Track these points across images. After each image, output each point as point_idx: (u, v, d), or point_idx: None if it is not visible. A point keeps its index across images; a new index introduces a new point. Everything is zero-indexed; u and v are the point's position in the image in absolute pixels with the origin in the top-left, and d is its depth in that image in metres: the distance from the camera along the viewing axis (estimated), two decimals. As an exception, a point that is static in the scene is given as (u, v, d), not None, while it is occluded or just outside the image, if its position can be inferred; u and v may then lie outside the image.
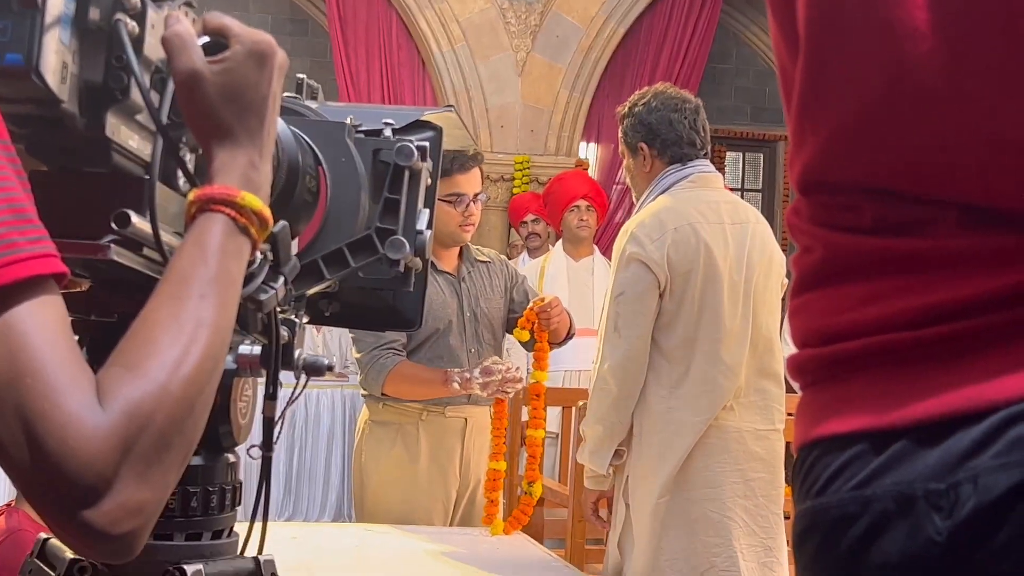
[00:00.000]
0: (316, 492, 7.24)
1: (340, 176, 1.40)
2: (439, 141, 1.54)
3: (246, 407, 1.32)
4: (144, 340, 0.92)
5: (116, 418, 0.87)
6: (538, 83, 8.28)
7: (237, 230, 1.02)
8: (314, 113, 1.46)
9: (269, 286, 1.15)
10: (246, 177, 1.05)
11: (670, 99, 3.30)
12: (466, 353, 3.52)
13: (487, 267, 3.67)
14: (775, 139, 10.75)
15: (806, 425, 0.93)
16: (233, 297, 1.01)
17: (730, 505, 3.11)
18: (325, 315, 1.51)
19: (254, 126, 1.06)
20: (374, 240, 1.38)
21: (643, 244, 3.13)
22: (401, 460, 3.52)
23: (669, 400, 3.13)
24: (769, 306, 3.24)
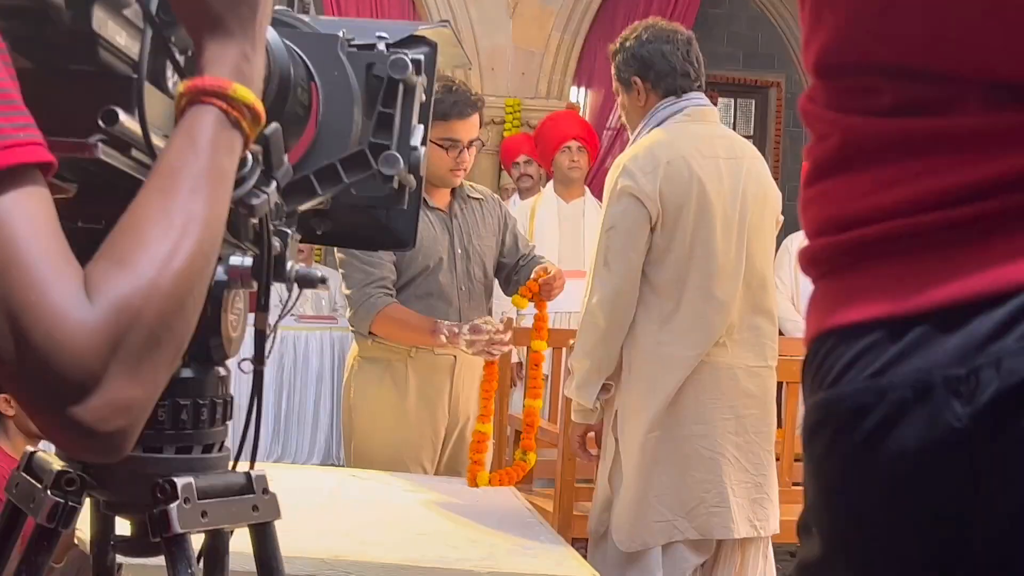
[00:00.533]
0: (304, 435, 7.24)
1: (332, 90, 1.37)
2: (434, 57, 1.50)
3: (237, 320, 1.30)
4: (133, 234, 0.90)
5: (104, 313, 0.85)
6: (530, 25, 8.20)
7: (229, 123, 0.99)
8: (306, 26, 1.43)
9: (261, 190, 1.12)
10: (238, 69, 1.02)
11: (661, 31, 3.26)
12: (456, 291, 3.50)
13: (480, 204, 3.63)
14: (767, 85, 10.69)
15: (820, 315, 0.90)
16: (225, 192, 0.98)
17: (721, 442, 3.11)
18: (317, 233, 1.48)
19: (246, 16, 1.03)
20: (367, 155, 1.36)
21: (635, 177, 3.10)
22: (390, 397, 3.51)
23: (659, 335, 3.11)
24: (763, 242, 3.22)
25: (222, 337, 1.27)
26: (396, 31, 1.47)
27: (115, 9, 1.03)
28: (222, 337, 1.27)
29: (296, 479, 3.10)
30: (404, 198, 1.42)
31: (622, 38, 3.30)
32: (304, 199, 1.35)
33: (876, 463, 0.83)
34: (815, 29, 0.92)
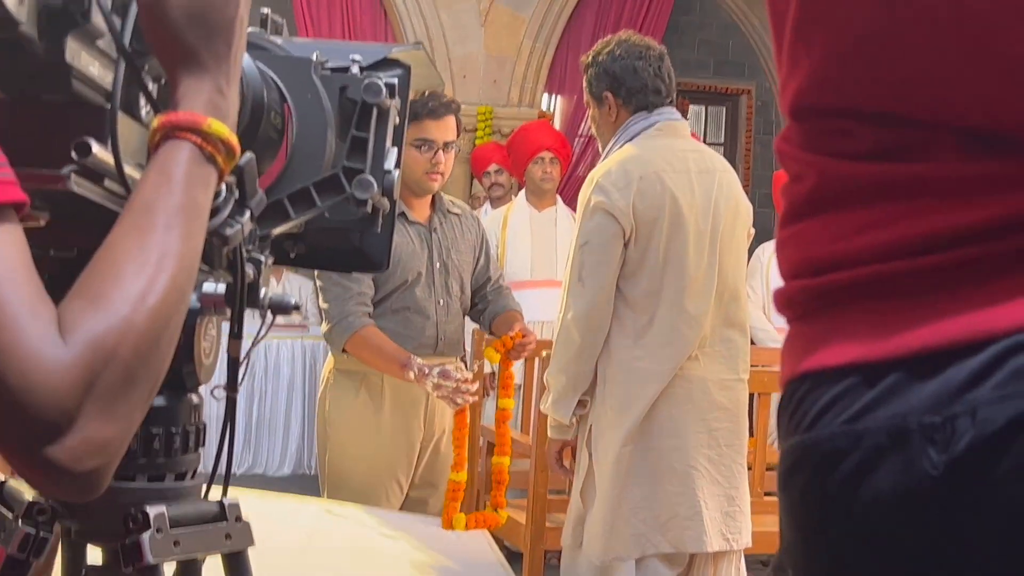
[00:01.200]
0: (276, 443, 7.21)
1: (306, 113, 1.37)
2: (407, 79, 1.50)
3: (210, 347, 1.29)
4: (107, 271, 0.89)
5: (79, 351, 0.85)
6: (501, 33, 8.20)
7: (203, 158, 0.99)
8: (279, 48, 1.43)
9: (235, 220, 1.12)
10: (212, 104, 1.01)
11: (634, 47, 3.27)
12: (434, 305, 3.49)
13: (459, 219, 3.63)
14: (738, 92, 10.72)
15: (794, 358, 0.90)
16: (200, 228, 0.98)
17: (694, 454, 3.12)
18: (290, 256, 1.48)
19: (221, 50, 1.03)
20: (341, 179, 1.35)
21: (608, 193, 3.11)
22: (365, 410, 3.49)
23: (633, 350, 3.12)
24: (735, 255, 3.24)
25: (195, 364, 1.26)
26: (370, 53, 1.47)
27: (88, 40, 1.03)
28: (195, 364, 1.26)
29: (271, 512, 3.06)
30: (378, 221, 1.42)
31: (594, 52, 3.31)
32: (277, 223, 1.35)
33: (852, 508, 0.83)
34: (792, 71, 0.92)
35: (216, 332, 1.31)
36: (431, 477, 3.58)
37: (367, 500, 3.43)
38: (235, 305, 1.21)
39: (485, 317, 3.66)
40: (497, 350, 3.42)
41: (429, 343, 3.47)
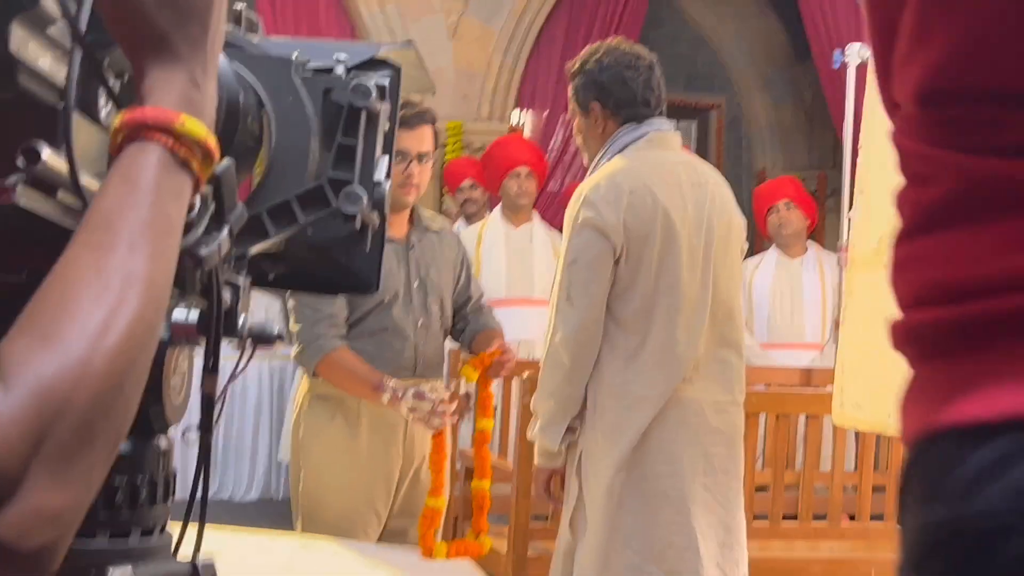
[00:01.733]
0: (243, 468, 7.02)
1: (286, 119, 1.22)
2: (398, 81, 1.35)
3: (181, 383, 1.13)
4: (59, 301, 0.74)
5: (24, 401, 0.69)
6: (471, 47, 8.08)
7: (175, 164, 0.83)
8: (255, 47, 1.27)
9: (211, 237, 0.96)
10: (186, 98, 0.85)
11: (623, 55, 3.13)
12: (413, 326, 3.34)
13: (438, 236, 3.48)
14: (707, 107, 10.65)
15: (928, 408, 0.73)
16: (171, 247, 0.82)
17: (689, 481, 2.97)
18: (268, 278, 1.32)
19: (196, 35, 0.87)
20: (326, 192, 1.20)
21: (598, 208, 2.96)
22: (341, 436, 3.33)
23: (625, 372, 2.97)
24: (729, 271, 3.10)
25: (163, 404, 1.10)
26: (356, 53, 1.32)
27: (37, 27, 0.87)
28: (163, 404, 1.10)
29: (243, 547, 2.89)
30: (367, 239, 1.27)
31: (582, 59, 3.16)
32: (255, 241, 1.19)
33: None
34: (920, 44, 0.75)
35: (188, 366, 1.15)
36: (411, 506, 3.42)
37: (344, 532, 3.27)
38: (210, 335, 1.05)
39: (465, 336, 3.51)
40: (475, 368, 3.28)
41: (408, 365, 3.32)
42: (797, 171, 9.73)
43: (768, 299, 5.94)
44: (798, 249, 6.07)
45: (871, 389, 3.12)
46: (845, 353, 3.25)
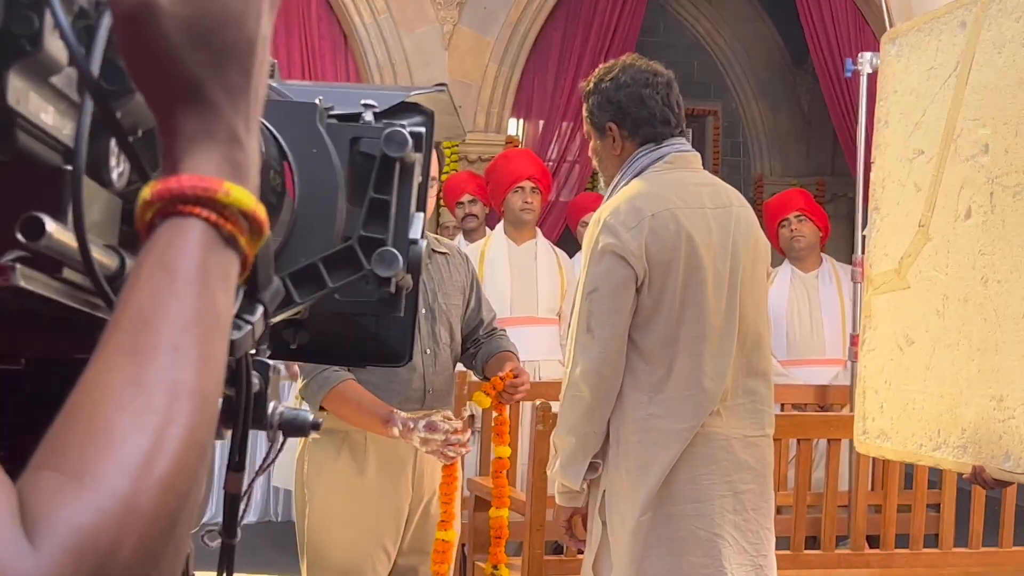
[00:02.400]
0: (240, 491, 6.87)
1: (311, 172, 1.08)
2: (431, 128, 1.21)
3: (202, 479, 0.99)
4: (91, 425, 0.59)
5: (59, 559, 0.55)
6: (465, 57, 7.96)
7: (221, 242, 0.69)
8: (275, 92, 1.13)
9: (243, 320, 0.82)
10: (229, 160, 0.71)
11: (640, 72, 2.98)
12: (421, 355, 3.19)
13: (446, 259, 3.33)
14: (704, 114, 10.55)
15: None
16: (221, 345, 0.68)
17: (719, 521, 2.82)
18: (291, 347, 1.18)
19: (237, 82, 0.72)
20: (357, 253, 1.06)
21: (618, 234, 2.81)
22: (348, 472, 3.19)
23: (649, 406, 2.82)
24: (756, 297, 2.95)
25: None
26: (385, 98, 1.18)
27: (39, 77, 0.72)
28: None
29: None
30: (400, 303, 1.13)
31: (596, 78, 3.01)
32: (279, 309, 1.05)
33: None
34: None
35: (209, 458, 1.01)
36: (421, 543, 3.27)
37: (351, 571, 3.13)
38: (237, 428, 0.91)
39: (477, 361, 3.37)
40: (487, 393, 3.15)
41: (416, 396, 3.18)
42: (795, 177, 9.63)
43: (785, 315, 5.79)
44: (812, 262, 5.93)
45: (898, 418, 2.99)
46: (867, 380, 3.11)
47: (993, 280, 2.73)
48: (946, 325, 2.87)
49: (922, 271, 2.99)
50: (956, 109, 2.97)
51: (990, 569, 4.20)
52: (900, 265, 3.09)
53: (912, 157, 3.09)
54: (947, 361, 2.86)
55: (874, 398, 3.10)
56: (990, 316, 2.73)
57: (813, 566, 4.05)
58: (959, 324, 2.83)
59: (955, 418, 2.80)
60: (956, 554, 4.23)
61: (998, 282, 2.70)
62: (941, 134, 3.01)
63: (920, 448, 2.93)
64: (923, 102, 3.08)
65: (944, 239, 2.93)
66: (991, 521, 4.34)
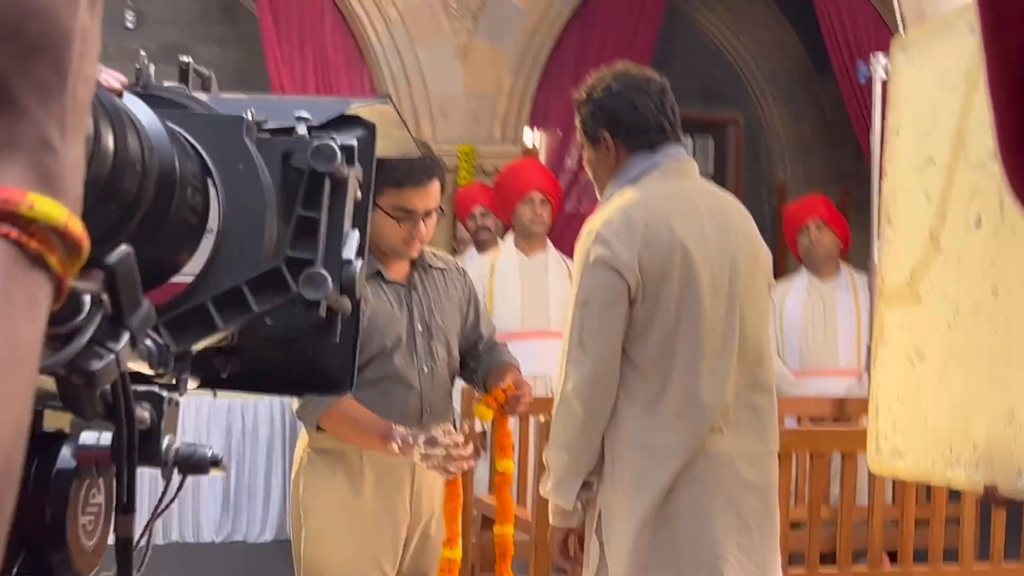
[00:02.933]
0: (256, 509, 6.82)
1: (237, 189, 1.01)
2: (371, 142, 1.14)
3: (94, 523, 0.91)
4: None
5: None
6: (481, 69, 7.90)
7: (26, 262, 0.61)
8: (202, 106, 1.07)
9: (104, 348, 0.74)
10: (37, 168, 0.62)
11: (632, 80, 2.90)
12: (418, 373, 3.12)
13: (443, 274, 3.25)
14: (725, 122, 10.46)
15: None
16: (24, 378, 0.59)
17: (722, 542, 2.73)
18: (221, 376, 1.10)
19: (48, 80, 0.63)
20: (284, 274, 0.99)
21: (610, 245, 2.73)
22: (344, 494, 3.12)
23: (645, 422, 2.74)
24: (757, 309, 2.87)
25: (69, 550, 0.88)
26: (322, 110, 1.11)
27: None
28: (69, 550, 0.88)
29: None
30: (336, 328, 1.05)
31: (588, 87, 2.93)
32: (200, 336, 0.98)
33: None
34: None
35: (105, 500, 0.93)
36: (421, 565, 3.20)
37: None
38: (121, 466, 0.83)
39: (478, 375, 3.29)
40: (489, 406, 3.07)
41: (413, 415, 3.10)
42: (818, 186, 9.51)
43: (800, 325, 5.69)
44: (830, 271, 5.81)
45: (910, 436, 2.89)
46: (879, 396, 3.02)
47: (1004, 291, 2.64)
48: (957, 339, 2.78)
49: (933, 284, 2.90)
50: (966, 115, 2.88)
51: (1013, 585, 4.09)
52: (911, 278, 3.00)
53: (923, 166, 3.00)
54: (959, 376, 2.76)
55: (887, 416, 3.01)
56: (1001, 328, 2.64)
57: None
58: (970, 337, 2.74)
59: (967, 435, 2.71)
60: (978, 570, 4.12)
61: (1008, 293, 2.61)
62: (951, 141, 2.92)
63: (933, 466, 2.83)
64: (933, 109, 3.00)
65: (954, 250, 2.83)
66: (1013, 534, 4.23)
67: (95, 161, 0.82)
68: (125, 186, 0.88)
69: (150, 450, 0.86)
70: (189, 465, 0.89)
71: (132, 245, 0.93)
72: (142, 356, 0.90)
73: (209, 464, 0.90)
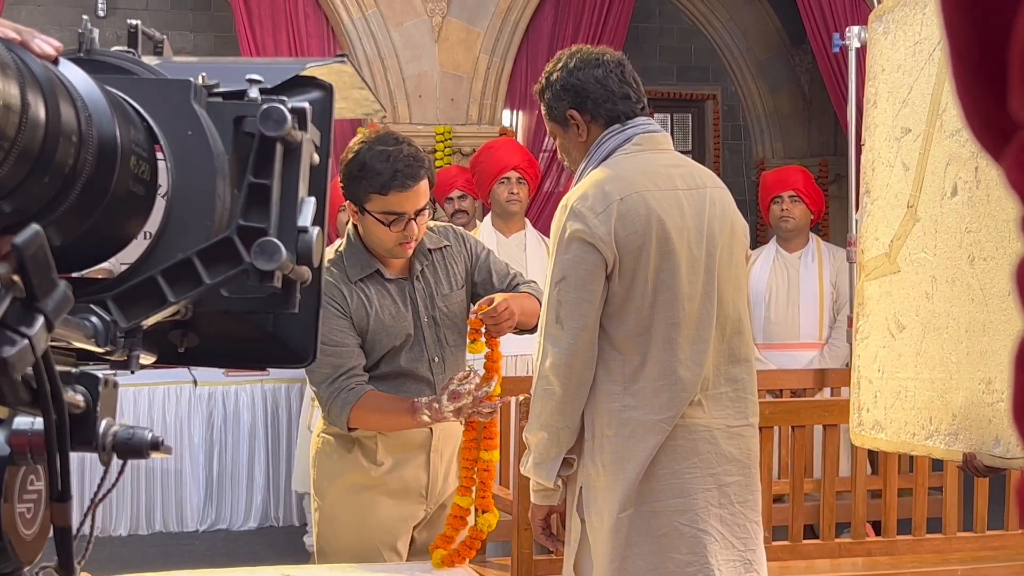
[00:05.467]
0: (239, 497, 6.78)
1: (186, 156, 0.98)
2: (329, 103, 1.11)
3: (32, 512, 0.88)
4: None
5: None
6: (456, 49, 7.84)
7: None
8: (149, 71, 1.03)
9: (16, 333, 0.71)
10: None
11: (588, 55, 2.87)
12: (428, 364, 3.13)
13: (442, 254, 3.20)
14: (703, 98, 10.42)
15: None
16: None
17: (703, 516, 2.71)
18: (178, 351, 1.07)
19: None
20: (236, 244, 0.96)
21: (585, 219, 2.70)
22: (360, 479, 3.13)
23: (623, 398, 2.71)
24: (735, 282, 2.84)
25: (5, 538, 0.85)
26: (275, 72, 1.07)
27: None
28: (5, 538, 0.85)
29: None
30: (293, 298, 1.02)
31: (546, 73, 2.89)
32: (151, 310, 0.95)
33: None
34: None
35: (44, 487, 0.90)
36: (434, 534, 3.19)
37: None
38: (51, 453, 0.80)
39: None
40: (473, 339, 3.05)
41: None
42: (797, 159, 9.48)
43: (764, 297, 5.67)
44: (799, 243, 5.81)
45: (891, 407, 2.88)
46: (861, 369, 3.00)
47: (980, 258, 2.62)
48: (935, 308, 2.76)
49: (911, 253, 2.88)
50: (941, 83, 2.85)
51: (997, 553, 4.08)
52: (890, 249, 2.98)
53: (900, 136, 2.98)
54: (937, 345, 2.75)
55: (868, 388, 2.99)
56: (977, 296, 2.62)
57: (812, 556, 3.94)
58: (947, 306, 2.72)
59: (945, 404, 2.69)
60: (961, 539, 4.11)
61: (984, 260, 2.59)
62: (927, 110, 2.90)
63: (913, 437, 2.82)
64: (909, 79, 2.97)
65: (932, 219, 2.81)
66: (996, 504, 4.22)
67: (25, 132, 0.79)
68: (60, 158, 0.84)
69: (85, 434, 0.83)
70: (128, 449, 0.86)
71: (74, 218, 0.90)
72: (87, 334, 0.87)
73: (149, 447, 0.87)
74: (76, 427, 0.82)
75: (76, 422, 0.82)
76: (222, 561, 5.98)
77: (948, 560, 4.03)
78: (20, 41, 0.84)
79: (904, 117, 2.96)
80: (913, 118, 2.92)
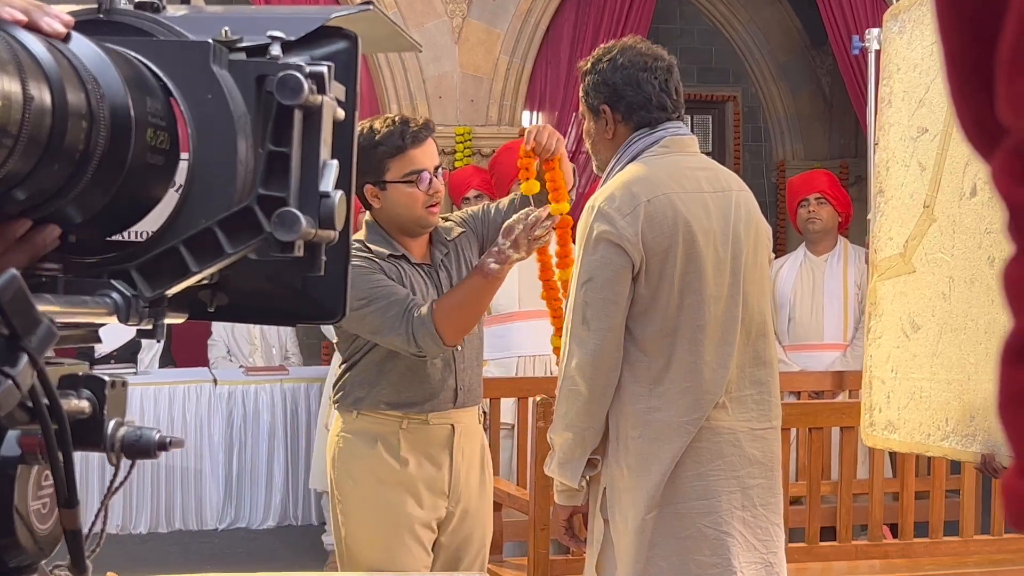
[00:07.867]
0: (259, 496, 6.80)
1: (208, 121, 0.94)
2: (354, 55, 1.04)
3: (47, 508, 0.89)
4: None
5: None
6: (476, 50, 7.85)
7: None
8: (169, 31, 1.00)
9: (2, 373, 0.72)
10: None
11: (639, 55, 2.87)
12: (452, 352, 3.13)
13: (456, 243, 3.26)
14: (723, 100, 10.40)
15: None
16: None
17: (727, 518, 2.72)
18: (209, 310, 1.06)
19: None
20: (256, 214, 0.94)
21: (613, 221, 2.71)
22: (381, 477, 3.12)
23: (649, 399, 2.72)
24: (759, 285, 2.84)
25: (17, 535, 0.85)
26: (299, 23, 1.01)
27: None
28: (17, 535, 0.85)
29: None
30: (318, 262, 0.99)
31: (595, 57, 2.90)
32: (174, 280, 0.94)
33: None
34: None
35: (57, 485, 0.90)
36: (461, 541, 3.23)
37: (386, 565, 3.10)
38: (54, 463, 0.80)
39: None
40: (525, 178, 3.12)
41: (448, 397, 3.15)
42: (818, 161, 9.46)
43: (789, 299, 5.67)
44: (826, 246, 5.79)
45: (905, 408, 2.87)
46: (873, 370, 2.99)
47: (1000, 259, 2.61)
48: (953, 309, 2.75)
49: (928, 253, 2.87)
50: (959, 83, 2.84)
51: (1015, 556, 4.06)
52: (905, 248, 2.97)
53: (916, 136, 2.97)
54: (954, 346, 2.74)
55: (880, 388, 2.98)
56: (997, 297, 2.61)
57: (829, 558, 3.94)
58: (966, 307, 2.71)
59: (963, 405, 2.69)
60: (978, 541, 4.10)
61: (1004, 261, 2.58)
62: (945, 110, 2.89)
63: (928, 438, 2.81)
64: (926, 78, 2.97)
65: (950, 219, 2.81)
66: (1015, 508, 4.19)
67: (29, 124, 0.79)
68: (70, 142, 0.84)
69: (93, 436, 0.83)
70: (135, 450, 0.86)
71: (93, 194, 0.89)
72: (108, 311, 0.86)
73: (157, 447, 0.87)
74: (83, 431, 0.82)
75: (83, 426, 0.82)
76: (241, 559, 6.01)
77: (965, 563, 4.02)
78: (28, 22, 0.83)
79: (921, 117, 2.96)
80: (931, 118, 2.91)
